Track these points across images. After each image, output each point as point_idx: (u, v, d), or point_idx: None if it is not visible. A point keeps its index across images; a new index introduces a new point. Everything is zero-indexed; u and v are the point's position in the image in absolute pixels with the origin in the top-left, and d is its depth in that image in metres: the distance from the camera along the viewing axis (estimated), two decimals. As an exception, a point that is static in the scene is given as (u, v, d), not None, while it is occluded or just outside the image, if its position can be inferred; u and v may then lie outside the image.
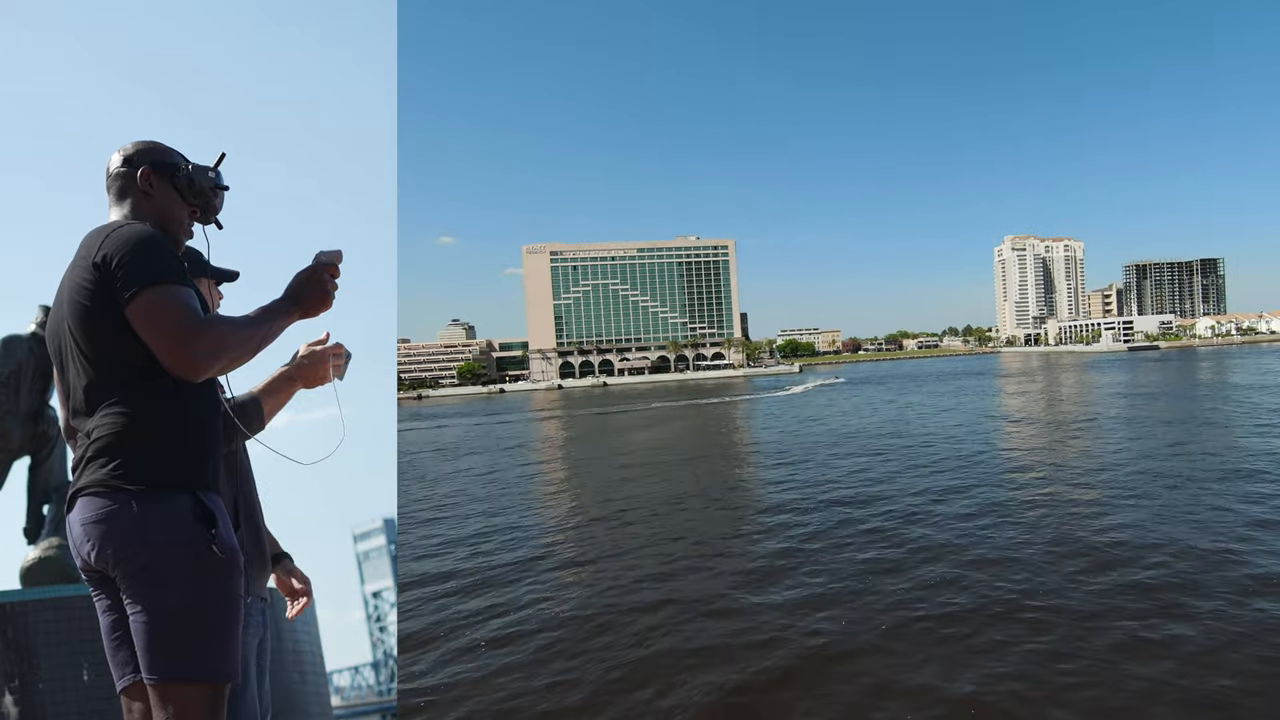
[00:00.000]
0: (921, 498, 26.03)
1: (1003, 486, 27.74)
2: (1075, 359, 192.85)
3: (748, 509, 26.63)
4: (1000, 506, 24.04)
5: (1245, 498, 22.64)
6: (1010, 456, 35.94)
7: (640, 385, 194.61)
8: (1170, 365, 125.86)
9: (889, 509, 24.32)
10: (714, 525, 24.17)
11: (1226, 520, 20.01)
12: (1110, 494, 24.86)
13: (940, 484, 28.64)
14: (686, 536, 22.62)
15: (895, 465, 34.42)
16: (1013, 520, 21.97)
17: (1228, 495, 23.05)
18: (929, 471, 32.04)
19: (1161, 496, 23.57)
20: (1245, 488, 23.95)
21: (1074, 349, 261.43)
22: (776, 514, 25.04)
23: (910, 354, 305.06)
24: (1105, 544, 18.67)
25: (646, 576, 18.22)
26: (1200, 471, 27.39)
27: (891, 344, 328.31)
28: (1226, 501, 22.22)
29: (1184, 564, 16.60)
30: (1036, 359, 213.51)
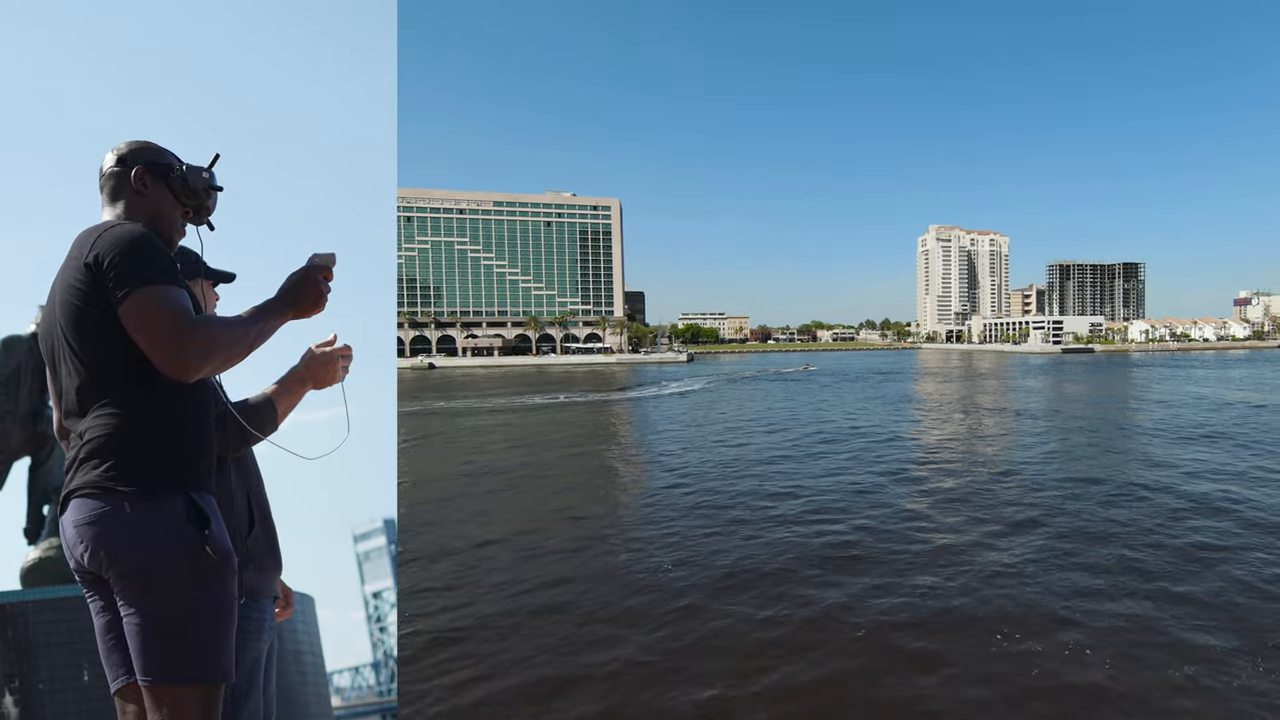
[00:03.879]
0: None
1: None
2: (1003, 359, 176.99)
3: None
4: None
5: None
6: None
7: (480, 371, 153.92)
8: (1120, 372, 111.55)
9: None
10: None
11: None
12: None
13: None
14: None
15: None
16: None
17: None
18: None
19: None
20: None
21: (1001, 348, 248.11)
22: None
23: (824, 346, 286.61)
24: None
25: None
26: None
27: (805, 334, 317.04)
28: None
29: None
30: (959, 357, 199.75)
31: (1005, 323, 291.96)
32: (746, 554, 18.54)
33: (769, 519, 21.95)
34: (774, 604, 15.28)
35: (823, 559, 17.96)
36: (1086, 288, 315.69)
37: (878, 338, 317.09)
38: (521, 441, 42.36)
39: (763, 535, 20.23)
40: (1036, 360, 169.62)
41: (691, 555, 18.68)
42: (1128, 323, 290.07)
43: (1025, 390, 77.59)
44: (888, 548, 18.87)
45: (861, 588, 15.99)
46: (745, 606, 15.19)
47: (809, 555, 18.33)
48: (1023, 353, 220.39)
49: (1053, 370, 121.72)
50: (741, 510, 23.15)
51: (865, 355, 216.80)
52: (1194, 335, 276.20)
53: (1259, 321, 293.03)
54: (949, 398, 68.64)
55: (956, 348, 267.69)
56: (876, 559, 18.03)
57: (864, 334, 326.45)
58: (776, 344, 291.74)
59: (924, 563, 17.70)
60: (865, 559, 18.03)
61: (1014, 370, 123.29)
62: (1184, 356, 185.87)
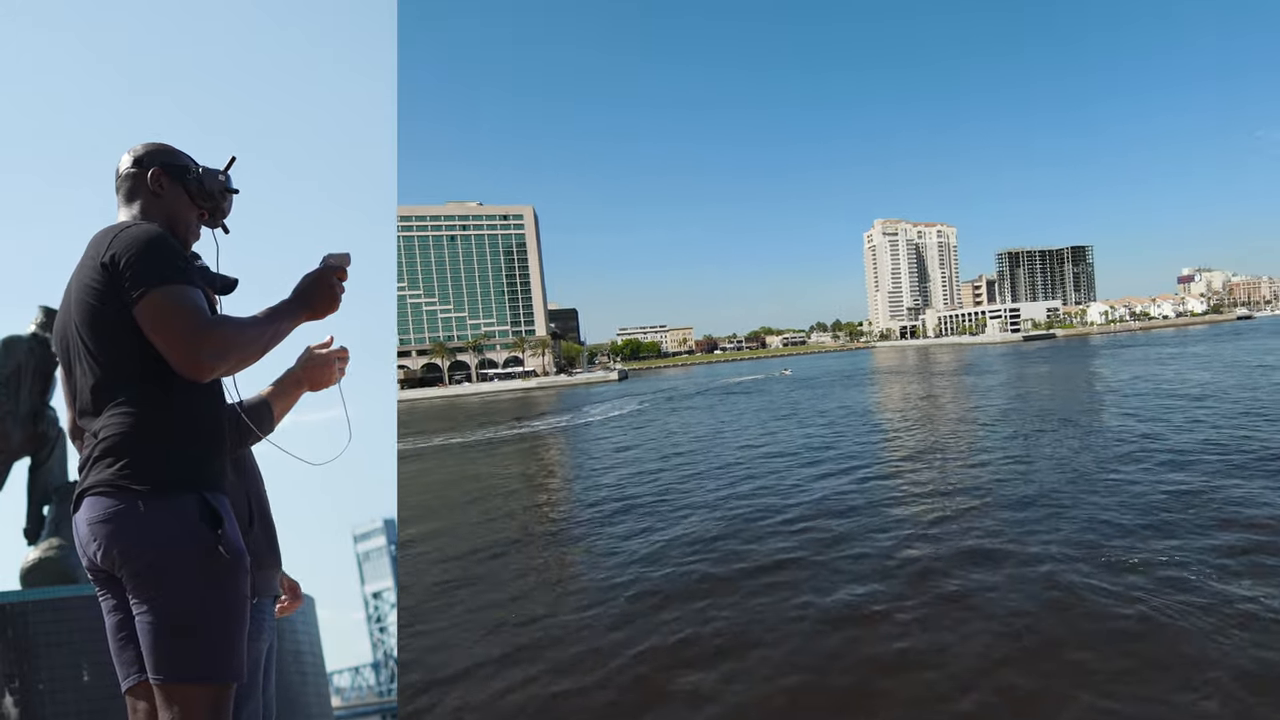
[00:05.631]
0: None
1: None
2: (963, 352, 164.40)
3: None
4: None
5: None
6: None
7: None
8: (1103, 358, 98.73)
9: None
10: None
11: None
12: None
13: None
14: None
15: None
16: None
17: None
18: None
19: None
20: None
21: (959, 340, 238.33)
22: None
23: (775, 352, 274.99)
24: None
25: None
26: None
27: (753, 341, 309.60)
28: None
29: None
30: (916, 353, 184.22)
31: (961, 314, 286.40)
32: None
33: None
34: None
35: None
36: (1037, 274, 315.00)
37: (830, 339, 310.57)
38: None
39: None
40: (999, 350, 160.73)
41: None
42: (1084, 306, 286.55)
43: (1018, 388, 65.60)
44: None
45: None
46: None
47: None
48: (982, 344, 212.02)
49: (1023, 359, 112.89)
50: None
51: (814, 359, 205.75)
52: (1154, 313, 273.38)
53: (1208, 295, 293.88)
54: (925, 406, 57.13)
55: (912, 344, 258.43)
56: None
57: (815, 337, 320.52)
58: (723, 354, 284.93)
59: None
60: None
61: (994, 363, 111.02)
62: (1145, 335, 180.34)
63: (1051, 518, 20.13)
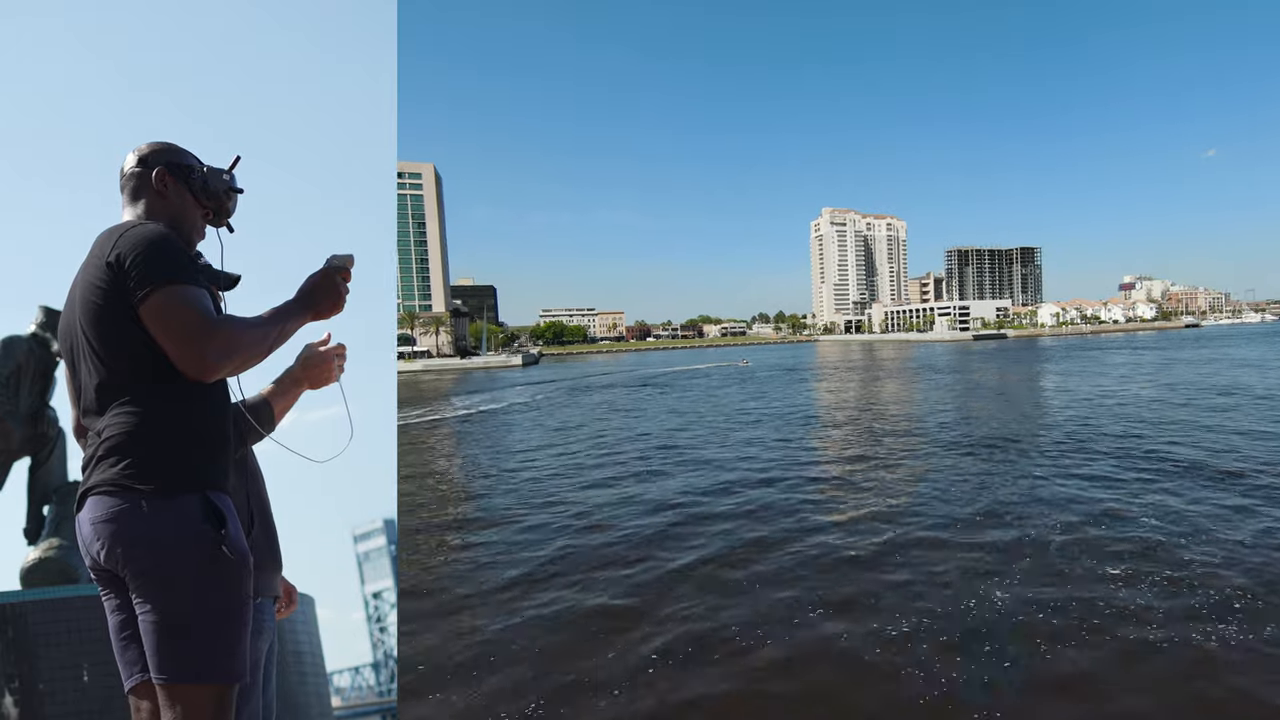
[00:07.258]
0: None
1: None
2: (911, 349, 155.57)
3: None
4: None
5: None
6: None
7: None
8: (1067, 359, 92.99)
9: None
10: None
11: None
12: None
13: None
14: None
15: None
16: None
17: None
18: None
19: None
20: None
21: (906, 337, 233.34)
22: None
23: (713, 341, 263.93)
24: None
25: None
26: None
27: (690, 330, 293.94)
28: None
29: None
30: (860, 348, 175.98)
31: (908, 310, 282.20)
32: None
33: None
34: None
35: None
36: (985, 273, 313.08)
37: (771, 331, 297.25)
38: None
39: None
40: (945, 349, 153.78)
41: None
42: (1033, 307, 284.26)
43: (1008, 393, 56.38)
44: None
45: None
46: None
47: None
48: (930, 341, 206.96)
49: (986, 359, 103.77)
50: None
51: (751, 350, 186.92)
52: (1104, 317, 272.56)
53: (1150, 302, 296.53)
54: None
55: (857, 338, 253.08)
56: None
57: (757, 328, 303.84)
58: (656, 341, 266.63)
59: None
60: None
61: (953, 361, 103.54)
62: (1095, 339, 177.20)
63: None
